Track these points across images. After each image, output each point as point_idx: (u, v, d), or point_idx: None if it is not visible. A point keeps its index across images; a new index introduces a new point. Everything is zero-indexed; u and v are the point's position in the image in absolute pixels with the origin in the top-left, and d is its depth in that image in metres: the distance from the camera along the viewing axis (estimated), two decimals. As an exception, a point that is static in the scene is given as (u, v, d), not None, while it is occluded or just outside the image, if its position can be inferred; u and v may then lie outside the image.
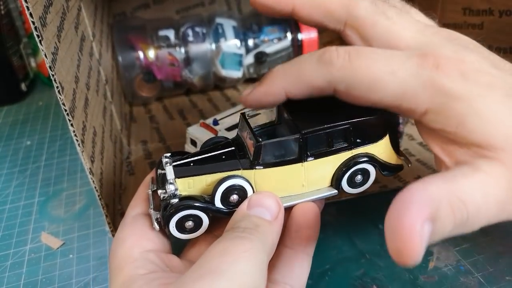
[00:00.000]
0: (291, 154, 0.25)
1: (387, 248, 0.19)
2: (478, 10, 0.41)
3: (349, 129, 0.25)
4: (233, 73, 0.55)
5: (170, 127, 0.51)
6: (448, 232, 0.21)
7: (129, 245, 0.24)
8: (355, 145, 0.26)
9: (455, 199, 0.20)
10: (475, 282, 0.29)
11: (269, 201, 0.24)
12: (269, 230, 0.23)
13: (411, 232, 0.18)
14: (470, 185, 0.21)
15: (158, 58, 0.52)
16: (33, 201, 0.41)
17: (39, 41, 0.24)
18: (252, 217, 0.23)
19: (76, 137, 0.28)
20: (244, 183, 0.25)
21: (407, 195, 0.20)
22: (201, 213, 0.25)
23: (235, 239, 0.21)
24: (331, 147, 0.26)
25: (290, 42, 0.54)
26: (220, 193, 0.25)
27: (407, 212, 0.19)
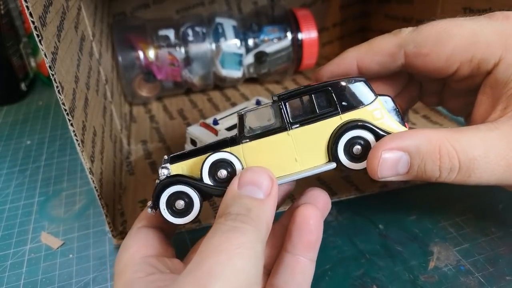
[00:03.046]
0: (275, 124, 0.25)
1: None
2: (478, 10, 0.41)
3: (329, 90, 0.25)
4: (233, 73, 0.55)
5: (170, 127, 0.51)
6: (432, 171, 0.24)
7: (132, 252, 0.24)
8: (342, 109, 0.25)
9: (446, 144, 0.23)
10: (475, 282, 0.29)
11: (260, 176, 0.23)
12: (262, 211, 0.22)
13: (373, 156, 0.23)
14: (470, 137, 0.23)
15: (158, 58, 0.52)
16: (33, 201, 0.41)
17: (39, 40, 0.24)
18: (243, 198, 0.22)
19: (76, 137, 0.28)
20: (230, 156, 0.25)
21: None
22: (191, 191, 0.25)
23: (228, 232, 0.21)
24: (314, 113, 0.25)
25: (290, 41, 0.54)
26: (207, 168, 0.25)
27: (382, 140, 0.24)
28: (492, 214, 0.35)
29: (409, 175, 0.24)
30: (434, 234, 0.34)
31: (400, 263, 0.31)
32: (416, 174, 0.24)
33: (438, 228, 0.34)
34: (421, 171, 0.24)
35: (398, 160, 0.24)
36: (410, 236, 0.33)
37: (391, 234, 0.34)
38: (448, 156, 0.23)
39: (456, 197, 0.37)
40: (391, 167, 0.24)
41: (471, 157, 0.23)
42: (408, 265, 0.31)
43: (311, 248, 0.25)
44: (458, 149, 0.23)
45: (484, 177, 0.23)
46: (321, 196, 0.27)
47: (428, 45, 0.25)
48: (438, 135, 0.23)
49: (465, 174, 0.23)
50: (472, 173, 0.23)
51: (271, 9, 0.56)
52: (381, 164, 0.24)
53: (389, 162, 0.24)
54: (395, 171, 0.24)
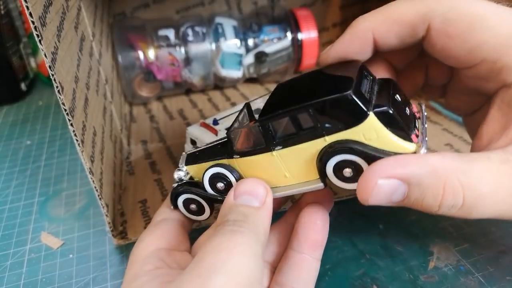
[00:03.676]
0: (259, 143, 0.24)
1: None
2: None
3: (309, 112, 0.22)
4: (233, 73, 0.55)
5: (170, 127, 0.51)
6: (430, 206, 0.21)
7: (145, 244, 0.25)
8: (326, 132, 0.22)
9: (453, 180, 0.20)
10: (475, 282, 0.29)
11: (255, 187, 0.24)
12: (258, 217, 0.23)
13: (366, 181, 0.21)
14: (481, 170, 0.20)
15: (158, 58, 0.52)
16: (33, 201, 0.41)
17: (39, 41, 0.24)
18: (239, 207, 0.23)
19: (76, 137, 0.28)
20: (225, 171, 0.26)
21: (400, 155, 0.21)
22: (199, 198, 0.27)
23: (227, 234, 0.21)
24: (298, 134, 0.23)
25: (290, 41, 0.54)
26: (207, 181, 0.27)
27: (379, 164, 0.21)
28: (492, 214, 0.35)
29: (402, 204, 0.22)
30: (434, 234, 0.34)
31: (400, 263, 0.31)
32: (412, 204, 0.22)
33: (438, 228, 0.34)
34: (418, 204, 0.21)
35: (394, 190, 0.21)
36: (410, 236, 0.33)
37: (391, 234, 0.34)
38: (453, 193, 0.20)
39: (456, 197, 0.37)
40: (385, 196, 0.21)
41: (478, 194, 0.20)
42: (408, 265, 0.31)
43: (317, 247, 0.26)
44: (465, 185, 0.20)
45: (487, 213, 0.21)
46: (325, 193, 0.27)
47: (458, 27, 0.21)
48: (445, 167, 0.20)
49: (467, 211, 0.21)
50: (474, 211, 0.21)
51: (271, 9, 0.56)
52: (375, 192, 0.21)
53: (384, 191, 0.21)
54: (388, 200, 0.21)
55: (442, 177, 0.20)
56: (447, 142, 0.43)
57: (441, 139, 0.44)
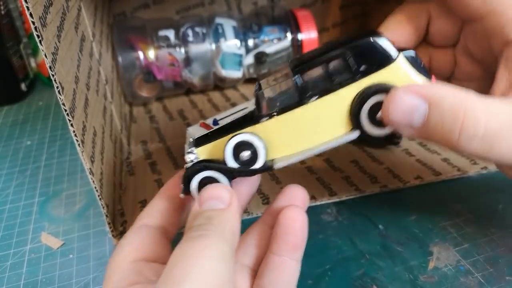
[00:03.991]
0: (293, 98, 0.24)
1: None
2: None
3: (345, 55, 0.23)
4: (233, 73, 0.55)
5: (170, 127, 0.51)
6: (450, 132, 0.21)
7: (123, 254, 0.24)
8: (361, 74, 0.23)
9: (475, 103, 0.21)
10: (475, 282, 0.29)
11: (218, 191, 0.23)
12: (224, 217, 0.22)
13: (392, 95, 0.22)
14: (501, 103, 0.22)
15: (158, 58, 0.52)
16: (33, 201, 0.41)
17: (39, 41, 0.24)
18: (204, 212, 0.22)
19: (76, 137, 0.28)
20: (250, 137, 0.24)
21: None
22: (218, 175, 0.25)
23: (191, 240, 0.21)
24: (333, 82, 0.23)
25: (290, 42, 0.54)
26: (230, 151, 0.25)
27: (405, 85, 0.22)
28: (492, 214, 0.35)
29: (422, 131, 0.22)
30: (434, 234, 0.34)
31: (400, 263, 0.31)
32: (432, 131, 0.22)
33: (438, 228, 0.34)
34: (438, 129, 0.22)
35: (415, 107, 0.22)
36: (410, 236, 0.34)
37: (391, 234, 0.34)
38: (474, 118, 0.21)
39: (456, 197, 0.37)
40: (406, 111, 0.22)
41: (499, 123, 0.21)
42: (408, 265, 0.31)
43: (296, 249, 0.25)
44: (487, 111, 0.21)
45: (508, 152, 0.21)
46: (300, 193, 0.27)
47: None
48: (467, 94, 0.21)
49: (487, 142, 0.21)
50: (495, 143, 0.21)
51: (271, 10, 0.56)
52: (396, 104, 0.22)
53: (405, 104, 0.22)
54: (409, 119, 0.22)
55: (464, 101, 0.21)
56: (447, 142, 0.43)
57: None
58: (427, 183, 0.39)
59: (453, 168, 0.40)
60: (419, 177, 0.39)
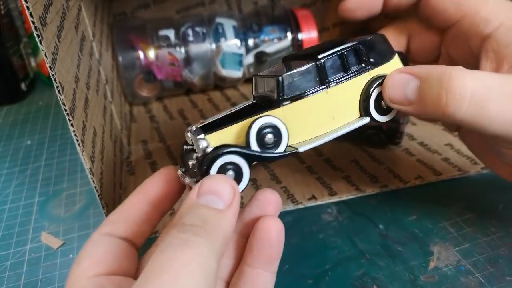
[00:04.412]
0: (313, 83, 0.25)
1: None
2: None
3: (359, 48, 0.26)
4: (233, 73, 0.55)
5: (170, 127, 0.51)
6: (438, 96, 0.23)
7: (83, 268, 0.21)
8: (371, 65, 0.26)
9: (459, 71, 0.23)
10: (475, 282, 0.29)
11: (221, 186, 0.21)
12: (220, 222, 0.20)
13: (387, 76, 0.25)
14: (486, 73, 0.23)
15: (158, 58, 0.52)
16: (33, 201, 0.41)
17: (39, 41, 0.24)
18: (200, 208, 0.20)
19: (76, 137, 0.28)
20: (275, 120, 0.24)
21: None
22: (240, 160, 0.23)
23: (177, 248, 0.18)
24: (348, 71, 0.26)
25: (290, 41, 0.54)
26: (254, 135, 0.23)
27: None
28: (492, 214, 0.35)
29: (417, 106, 0.24)
30: (434, 234, 0.34)
31: (400, 263, 0.31)
32: (424, 102, 0.24)
33: (438, 228, 0.34)
34: (428, 98, 0.24)
35: (407, 81, 0.25)
36: (410, 236, 0.33)
37: (391, 234, 0.34)
38: (459, 80, 0.23)
39: (456, 197, 0.37)
40: (400, 86, 0.25)
41: (484, 85, 0.22)
42: (408, 265, 0.31)
43: (272, 262, 0.24)
44: (471, 75, 0.23)
45: (497, 115, 0.22)
46: (272, 198, 0.25)
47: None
48: (452, 66, 0.23)
49: (477, 105, 0.22)
50: (485, 105, 0.22)
51: (271, 9, 0.56)
52: (391, 82, 0.25)
53: (398, 80, 0.25)
54: (403, 93, 0.25)
55: (449, 69, 0.23)
56: (447, 142, 0.43)
57: (441, 139, 0.44)
58: (427, 183, 0.39)
59: (453, 168, 0.40)
60: (419, 177, 0.39)
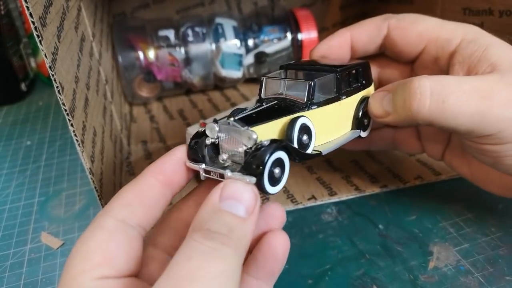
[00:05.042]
0: (331, 93, 0.27)
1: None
2: (478, 10, 0.41)
3: (359, 69, 0.29)
4: (233, 73, 0.55)
5: (170, 127, 0.51)
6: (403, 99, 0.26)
7: (90, 265, 0.19)
8: (362, 86, 0.30)
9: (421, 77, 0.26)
10: (475, 282, 0.29)
11: (244, 191, 0.20)
12: (244, 231, 0.20)
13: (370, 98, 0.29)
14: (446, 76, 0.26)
15: (158, 58, 0.52)
16: (33, 201, 0.41)
17: (39, 41, 0.24)
18: (224, 214, 0.20)
19: (76, 137, 0.28)
20: (309, 122, 0.25)
21: None
22: (286, 157, 0.23)
23: (205, 256, 0.18)
24: (351, 87, 0.28)
25: (290, 42, 0.54)
26: (297, 133, 0.24)
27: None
28: (492, 214, 0.35)
29: (393, 115, 0.28)
30: (434, 234, 0.34)
31: (400, 263, 0.31)
32: (397, 110, 0.27)
33: (438, 228, 0.34)
34: (399, 105, 0.27)
35: (383, 96, 0.28)
36: (410, 236, 0.34)
37: (391, 234, 0.34)
38: (418, 82, 0.26)
39: (456, 197, 0.37)
40: (379, 102, 0.28)
41: (443, 83, 0.25)
42: (408, 265, 0.31)
43: (274, 276, 0.24)
44: (429, 77, 0.26)
45: (459, 108, 0.25)
46: (279, 213, 0.25)
47: (406, 22, 0.31)
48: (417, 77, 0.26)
49: (438, 100, 0.25)
50: (445, 99, 0.25)
51: (271, 10, 0.56)
52: (372, 99, 0.29)
53: (378, 97, 0.29)
54: (382, 107, 0.28)
55: (415, 79, 0.26)
56: (447, 142, 0.43)
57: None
58: (427, 183, 0.39)
59: (453, 168, 0.40)
60: (419, 177, 0.39)
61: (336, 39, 0.32)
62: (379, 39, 0.32)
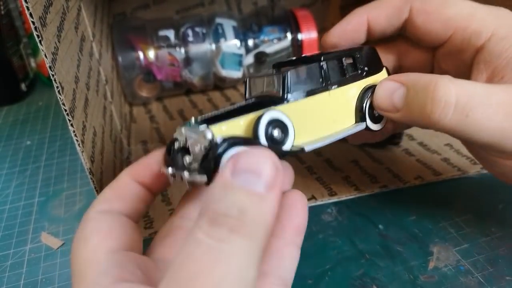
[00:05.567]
0: (316, 83, 0.25)
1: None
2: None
3: (356, 55, 0.27)
4: (233, 73, 0.55)
5: (170, 127, 0.51)
6: (424, 104, 0.23)
7: (93, 245, 0.20)
8: (365, 73, 0.27)
9: (445, 79, 0.23)
10: (475, 282, 0.29)
11: (262, 162, 0.17)
12: (261, 211, 0.17)
13: (377, 85, 0.26)
14: (472, 82, 0.23)
15: (158, 58, 0.52)
16: (33, 201, 0.41)
17: (39, 41, 0.24)
18: (236, 191, 0.17)
19: (76, 137, 0.28)
20: (281, 114, 0.23)
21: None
22: None
23: (209, 253, 0.15)
24: (346, 75, 0.26)
25: (290, 42, 0.54)
26: (263, 128, 0.22)
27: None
28: (492, 214, 0.35)
29: (404, 112, 0.25)
30: (434, 234, 0.34)
31: (400, 263, 0.31)
32: (411, 109, 0.24)
33: (438, 228, 0.34)
34: (415, 106, 0.24)
35: (394, 89, 0.25)
36: (410, 236, 0.34)
37: (391, 234, 0.34)
38: (444, 89, 0.23)
39: (456, 197, 0.37)
40: (388, 93, 0.25)
41: (469, 93, 0.23)
42: (408, 265, 0.31)
43: (299, 232, 0.24)
44: (456, 84, 0.23)
45: (482, 123, 0.23)
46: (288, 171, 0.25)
47: (433, 5, 0.27)
48: (440, 75, 0.24)
49: (462, 113, 0.23)
50: (469, 112, 0.22)
51: (271, 10, 0.56)
52: (380, 89, 0.26)
53: (387, 88, 0.25)
54: (391, 101, 0.25)
55: (435, 77, 0.23)
56: (447, 142, 0.43)
57: (441, 139, 0.44)
58: (427, 183, 0.39)
59: (453, 168, 0.40)
60: (419, 177, 0.39)
61: (352, 22, 0.29)
62: (399, 23, 0.29)
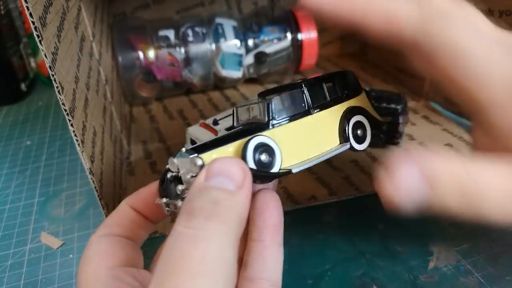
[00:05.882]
0: (299, 108, 0.26)
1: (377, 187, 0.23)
2: (478, 10, 0.41)
3: (335, 78, 0.28)
4: (233, 73, 0.55)
5: (170, 127, 0.51)
6: (451, 206, 0.22)
7: (95, 264, 0.22)
8: (345, 96, 0.28)
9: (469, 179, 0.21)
10: (475, 282, 0.29)
11: (231, 166, 0.20)
12: (233, 203, 0.19)
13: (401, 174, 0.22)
14: (492, 172, 0.22)
15: (158, 58, 0.52)
16: (33, 201, 0.41)
17: (39, 41, 0.24)
18: (210, 190, 0.19)
19: (76, 137, 0.28)
20: (269, 141, 0.24)
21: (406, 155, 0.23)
22: None
23: (188, 242, 0.17)
24: (326, 99, 0.27)
25: (290, 42, 0.54)
26: (251, 153, 0.23)
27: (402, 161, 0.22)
28: (492, 214, 0.35)
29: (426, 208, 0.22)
30: (434, 234, 0.34)
31: (400, 263, 0.31)
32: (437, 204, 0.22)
33: (438, 228, 0.34)
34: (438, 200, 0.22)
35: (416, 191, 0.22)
36: (410, 236, 0.34)
37: (391, 234, 0.34)
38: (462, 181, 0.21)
39: (456, 197, 0.37)
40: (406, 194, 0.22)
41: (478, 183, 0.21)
42: (408, 265, 0.31)
43: (276, 231, 0.24)
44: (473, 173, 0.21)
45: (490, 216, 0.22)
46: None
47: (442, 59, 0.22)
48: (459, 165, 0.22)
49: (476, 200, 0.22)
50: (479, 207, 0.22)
51: (271, 10, 0.56)
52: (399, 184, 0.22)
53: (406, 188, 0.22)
54: (410, 200, 0.22)
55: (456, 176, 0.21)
56: (447, 142, 0.43)
57: (441, 139, 0.44)
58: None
59: (453, 168, 0.40)
60: (419, 177, 0.39)
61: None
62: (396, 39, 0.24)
